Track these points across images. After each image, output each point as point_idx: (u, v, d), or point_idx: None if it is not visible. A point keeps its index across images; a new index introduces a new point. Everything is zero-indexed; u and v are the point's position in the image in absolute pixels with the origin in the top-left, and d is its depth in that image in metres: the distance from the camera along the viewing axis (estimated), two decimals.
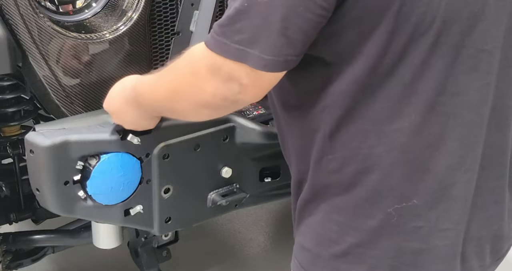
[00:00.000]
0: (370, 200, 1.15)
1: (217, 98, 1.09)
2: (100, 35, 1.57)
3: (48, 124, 1.46)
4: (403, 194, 1.13)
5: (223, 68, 1.05)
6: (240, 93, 1.07)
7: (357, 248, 1.18)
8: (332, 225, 1.20)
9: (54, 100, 1.57)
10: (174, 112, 1.25)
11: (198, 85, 1.10)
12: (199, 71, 1.09)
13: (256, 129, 1.60)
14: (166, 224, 1.59)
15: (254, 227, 2.95)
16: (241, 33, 1.02)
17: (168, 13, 1.69)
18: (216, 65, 1.06)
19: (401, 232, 1.16)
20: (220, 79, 1.06)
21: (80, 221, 2.07)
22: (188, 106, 1.16)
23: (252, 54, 1.02)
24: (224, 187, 1.65)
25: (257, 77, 1.06)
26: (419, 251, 1.17)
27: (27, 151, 1.41)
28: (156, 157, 1.49)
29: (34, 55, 1.50)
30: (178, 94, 1.16)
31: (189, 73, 1.12)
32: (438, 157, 1.12)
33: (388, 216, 1.14)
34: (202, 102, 1.12)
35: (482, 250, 1.25)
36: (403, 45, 1.06)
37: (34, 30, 1.48)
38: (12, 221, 2.02)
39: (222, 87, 1.07)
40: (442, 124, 1.11)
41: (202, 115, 1.21)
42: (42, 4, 1.54)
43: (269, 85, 1.10)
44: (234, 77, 1.06)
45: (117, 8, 1.62)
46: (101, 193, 1.45)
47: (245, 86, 1.06)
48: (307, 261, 1.25)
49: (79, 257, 2.58)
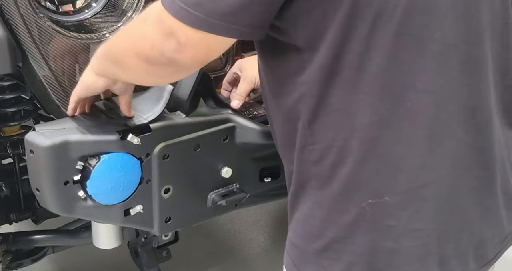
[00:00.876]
0: (344, 193, 1.15)
1: (155, 50, 1.10)
2: (100, 35, 1.57)
3: (48, 124, 1.46)
4: (375, 189, 1.13)
5: (166, 21, 1.07)
6: (176, 51, 1.08)
7: (336, 243, 1.19)
8: (314, 220, 1.21)
9: (54, 100, 1.57)
10: (117, 57, 1.24)
11: (142, 31, 1.14)
12: (148, 18, 1.13)
13: (256, 129, 1.60)
14: (166, 224, 1.59)
15: (254, 227, 2.95)
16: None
17: None
18: (161, 17, 1.08)
19: (376, 229, 1.16)
20: (161, 31, 1.09)
21: (80, 221, 2.07)
22: (128, 51, 1.18)
23: (194, 15, 1.04)
24: (224, 187, 1.65)
25: (196, 38, 1.07)
26: (392, 250, 1.17)
27: (27, 151, 1.41)
28: (156, 157, 1.49)
29: (34, 55, 1.50)
30: (127, 35, 1.22)
31: (141, 18, 1.16)
32: (409, 156, 1.12)
33: (363, 211, 1.14)
34: (140, 51, 1.14)
35: (463, 254, 1.22)
36: (367, 33, 1.06)
37: (34, 30, 1.48)
38: (12, 221, 2.01)
39: (161, 40, 1.09)
40: (411, 121, 1.10)
41: (140, 69, 1.19)
42: (42, 4, 1.54)
43: (209, 49, 1.11)
44: (173, 33, 1.07)
45: (117, 8, 1.62)
46: (101, 193, 1.45)
47: (183, 45, 1.08)
48: (296, 257, 1.26)
49: (79, 257, 2.58)
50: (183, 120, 1.54)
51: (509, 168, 1.24)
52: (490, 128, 1.18)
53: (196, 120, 1.56)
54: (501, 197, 1.24)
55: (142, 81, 1.32)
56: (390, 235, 1.16)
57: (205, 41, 1.08)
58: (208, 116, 1.59)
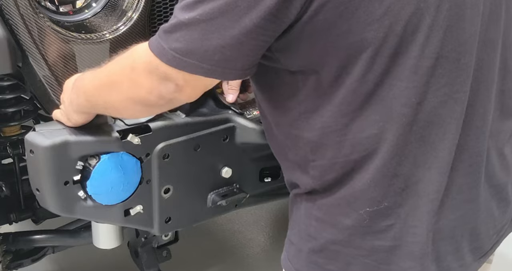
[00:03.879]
0: (344, 202, 1.17)
1: (152, 95, 1.13)
2: (100, 35, 1.57)
3: (48, 124, 1.46)
4: (374, 198, 1.15)
5: (160, 68, 1.09)
6: (176, 92, 1.11)
7: (333, 244, 1.20)
8: (312, 220, 1.22)
9: (54, 100, 1.57)
10: (107, 105, 1.25)
11: (135, 79, 1.13)
12: (138, 66, 1.12)
13: (256, 129, 1.60)
14: (166, 224, 1.59)
15: (254, 227, 2.95)
16: (177, 42, 1.06)
17: (168, 13, 1.69)
18: (153, 64, 1.09)
19: (373, 232, 1.17)
20: (157, 77, 1.10)
21: (80, 221, 2.07)
22: (122, 100, 1.19)
23: (188, 62, 1.06)
24: (224, 187, 1.65)
25: (193, 80, 1.10)
26: (391, 248, 1.18)
27: (27, 151, 1.41)
28: (156, 157, 1.49)
29: (34, 55, 1.50)
30: (115, 85, 1.19)
31: (128, 67, 1.15)
32: (404, 161, 1.13)
33: (361, 217, 1.16)
34: (136, 98, 1.15)
35: (458, 249, 1.25)
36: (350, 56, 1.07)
37: (34, 30, 1.48)
38: (12, 221, 2.01)
39: (158, 85, 1.11)
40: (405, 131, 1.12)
41: (134, 111, 1.23)
42: (42, 4, 1.54)
43: (206, 86, 1.14)
44: (170, 78, 1.09)
45: (117, 8, 1.62)
46: (101, 193, 1.45)
47: (181, 86, 1.10)
48: (292, 254, 1.28)
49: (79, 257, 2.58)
50: (183, 120, 1.54)
51: (495, 158, 1.26)
52: (483, 125, 1.20)
53: (196, 120, 1.56)
54: (488, 190, 1.26)
55: (134, 117, 1.40)
56: (389, 234, 1.17)
57: (202, 81, 1.11)
58: (208, 116, 1.59)
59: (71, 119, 1.39)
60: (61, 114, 1.42)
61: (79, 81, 1.31)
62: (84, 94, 1.29)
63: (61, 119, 1.42)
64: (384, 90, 1.09)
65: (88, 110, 1.35)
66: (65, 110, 1.39)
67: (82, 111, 1.35)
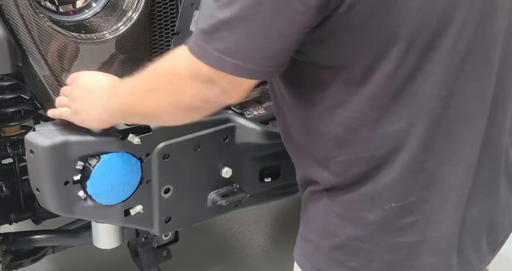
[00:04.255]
0: (370, 196, 1.16)
1: (197, 99, 1.10)
2: (100, 35, 1.57)
3: (48, 124, 1.46)
4: (399, 194, 1.15)
5: (203, 71, 1.07)
6: (221, 95, 1.09)
7: (354, 241, 1.20)
8: (332, 217, 1.21)
9: (54, 100, 1.57)
10: (147, 113, 1.22)
11: (178, 85, 1.11)
12: (179, 72, 1.10)
13: (256, 129, 1.60)
14: (166, 224, 1.59)
15: (254, 227, 2.95)
16: (222, 42, 1.04)
17: (168, 13, 1.69)
18: (196, 67, 1.07)
19: (396, 228, 1.17)
20: (201, 81, 1.08)
21: (80, 221, 2.07)
22: (164, 106, 1.16)
23: (231, 62, 1.04)
24: (224, 187, 1.65)
25: (237, 82, 1.07)
26: (414, 244, 1.18)
27: (27, 151, 1.41)
28: (156, 157, 1.49)
29: (34, 55, 1.50)
30: (155, 93, 1.16)
31: (169, 73, 1.12)
32: (431, 156, 1.13)
33: (386, 213, 1.16)
34: (180, 103, 1.13)
35: (478, 242, 1.27)
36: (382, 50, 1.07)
37: (34, 30, 1.47)
38: (12, 221, 2.01)
39: (203, 89, 1.09)
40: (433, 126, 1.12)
41: (176, 117, 1.21)
42: (42, 4, 1.54)
43: (250, 87, 1.12)
44: (214, 81, 1.07)
45: (117, 8, 1.62)
46: (101, 193, 1.45)
47: (225, 89, 1.08)
48: (308, 252, 1.27)
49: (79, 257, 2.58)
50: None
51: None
52: (504, 121, 1.21)
53: (196, 120, 1.55)
54: (506, 185, 1.28)
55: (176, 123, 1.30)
56: (412, 230, 1.17)
57: (246, 82, 1.09)
58: (208, 116, 1.58)
59: (81, 117, 1.35)
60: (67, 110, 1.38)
61: (114, 88, 1.29)
62: (118, 103, 1.26)
63: (64, 113, 1.39)
64: (415, 84, 1.08)
65: (111, 118, 1.32)
66: (80, 108, 1.35)
67: (102, 118, 1.32)
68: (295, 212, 1.31)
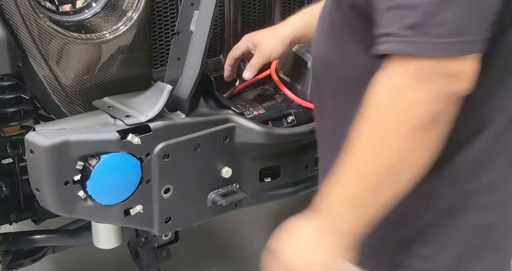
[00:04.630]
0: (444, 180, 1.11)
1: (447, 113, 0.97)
2: (100, 35, 1.57)
3: (48, 124, 1.46)
4: (477, 174, 1.12)
5: (435, 68, 0.94)
6: (467, 87, 0.97)
7: (428, 228, 1.14)
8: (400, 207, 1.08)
9: (54, 100, 1.57)
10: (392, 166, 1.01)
11: (406, 101, 0.96)
12: (402, 87, 0.96)
13: (256, 129, 1.60)
14: (166, 224, 1.59)
15: (254, 227, 2.95)
16: (445, 25, 0.92)
17: (168, 13, 1.69)
18: (423, 68, 0.95)
19: (476, 208, 1.13)
20: (440, 84, 0.95)
21: (80, 221, 2.07)
22: (405, 140, 0.98)
23: (465, 40, 0.94)
24: (224, 187, 1.65)
25: (464, 64, 0.96)
26: (491, 224, 1.15)
27: (27, 151, 1.41)
28: (156, 157, 1.49)
29: (34, 55, 1.50)
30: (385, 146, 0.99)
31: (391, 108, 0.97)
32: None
33: (464, 193, 1.12)
34: (418, 121, 0.97)
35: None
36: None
37: (34, 30, 1.48)
38: (12, 221, 2.01)
39: (447, 94, 0.96)
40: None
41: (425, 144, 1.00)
42: (42, 4, 1.54)
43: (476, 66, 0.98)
44: (455, 74, 0.95)
45: (117, 8, 1.62)
46: (101, 193, 1.45)
47: (469, 76, 0.96)
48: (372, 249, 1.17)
49: (79, 257, 2.58)
50: (183, 120, 1.54)
51: None
52: None
53: (196, 120, 1.56)
54: None
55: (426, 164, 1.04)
56: (492, 210, 1.14)
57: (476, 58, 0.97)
58: (208, 116, 1.59)
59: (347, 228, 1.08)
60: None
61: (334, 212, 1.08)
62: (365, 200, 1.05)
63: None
64: None
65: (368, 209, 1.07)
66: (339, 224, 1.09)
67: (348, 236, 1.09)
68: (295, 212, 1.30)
